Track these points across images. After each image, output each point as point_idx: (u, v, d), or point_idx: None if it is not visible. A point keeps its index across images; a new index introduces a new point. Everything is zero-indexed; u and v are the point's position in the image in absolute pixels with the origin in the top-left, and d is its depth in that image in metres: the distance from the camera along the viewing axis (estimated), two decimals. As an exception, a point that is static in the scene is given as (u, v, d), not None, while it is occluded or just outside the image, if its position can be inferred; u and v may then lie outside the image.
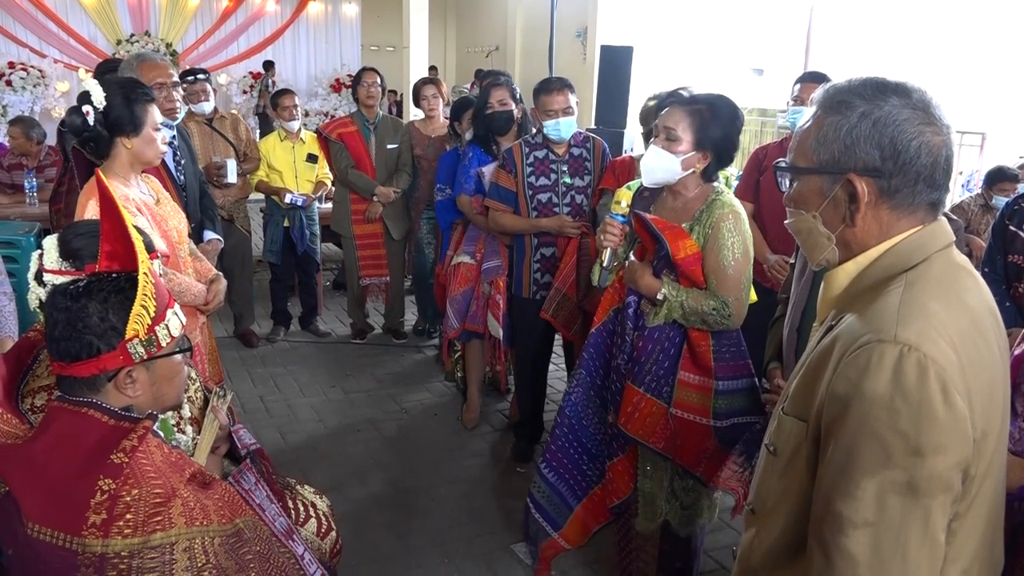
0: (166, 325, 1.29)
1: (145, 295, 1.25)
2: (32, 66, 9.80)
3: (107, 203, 1.33)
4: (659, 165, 2.18)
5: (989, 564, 1.12)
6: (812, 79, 3.28)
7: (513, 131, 3.61)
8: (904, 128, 1.05)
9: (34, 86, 9.77)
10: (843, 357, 1.02)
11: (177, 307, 1.35)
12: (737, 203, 2.21)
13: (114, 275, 1.29)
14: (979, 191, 4.98)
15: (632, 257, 2.26)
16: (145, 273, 1.26)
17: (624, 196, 2.28)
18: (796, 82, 3.35)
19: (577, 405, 2.39)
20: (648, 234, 2.17)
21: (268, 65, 11.13)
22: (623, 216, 2.26)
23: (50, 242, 1.51)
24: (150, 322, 1.26)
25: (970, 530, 1.05)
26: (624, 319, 2.25)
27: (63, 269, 1.47)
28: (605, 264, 2.31)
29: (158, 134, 2.31)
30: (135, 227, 1.33)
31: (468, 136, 3.89)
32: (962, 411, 0.97)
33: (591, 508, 2.43)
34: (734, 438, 2.20)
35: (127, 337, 1.24)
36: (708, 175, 2.21)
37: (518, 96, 3.63)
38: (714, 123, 2.15)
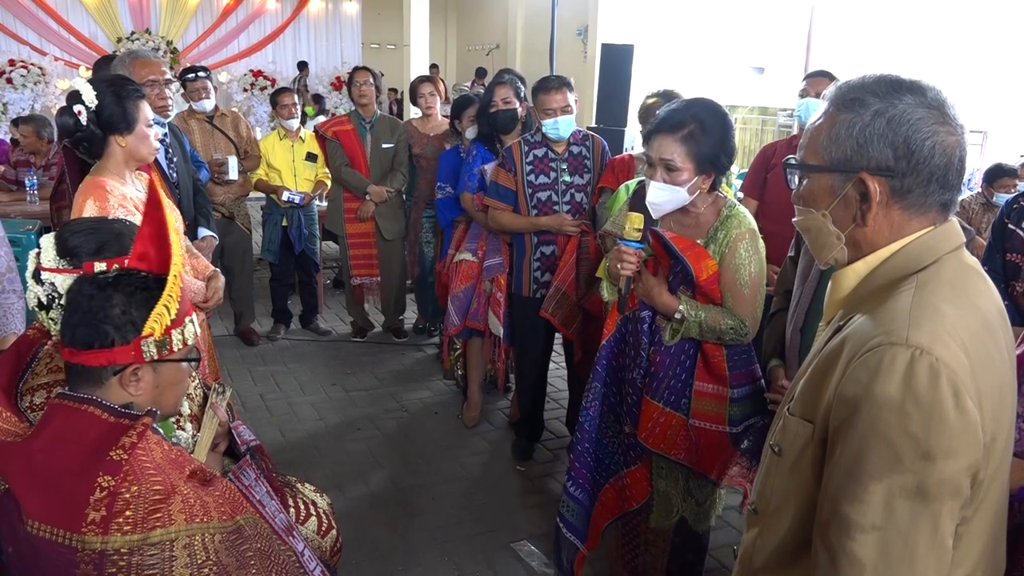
0: (182, 331, 1.31)
1: (170, 296, 1.27)
2: (32, 64, 9.79)
3: (155, 207, 1.34)
4: (667, 199, 2.11)
5: (992, 567, 1.12)
6: (819, 75, 3.47)
7: (517, 129, 3.60)
8: (918, 127, 1.03)
9: (35, 84, 9.76)
10: (853, 359, 1.01)
11: (195, 317, 1.37)
12: (751, 219, 2.19)
13: (143, 273, 1.31)
14: (980, 189, 4.96)
15: (646, 272, 2.22)
16: (176, 276, 1.28)
17: (637, 221, 2.12)
18: (804, 79, 3.53)
19: (596, 419, 2.37)
20: (665, 251, 2.12)
21: (302, 65, 11.17)
22: (638, 243, 2.14)
23: (47, 241, 1.51)
24: (168, 324, 1.27)
25: (976, 534, 1.04)
26: (639, 333, 2.22)
27: (61, 267, 1.47)
28: (623, 292, 2.22)
29: (151, 130, 2.30)
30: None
31: (468, 134, 3.88)
32: (973, 415, 0.96)
33: (600, 509, 2.43)
34: (743, 439, 2.22)
35: (143, 334, 1.25)
36: (714, 187, 2.18)
37: (522, 94, 3.62)
38: (707, 140, 2.06)
